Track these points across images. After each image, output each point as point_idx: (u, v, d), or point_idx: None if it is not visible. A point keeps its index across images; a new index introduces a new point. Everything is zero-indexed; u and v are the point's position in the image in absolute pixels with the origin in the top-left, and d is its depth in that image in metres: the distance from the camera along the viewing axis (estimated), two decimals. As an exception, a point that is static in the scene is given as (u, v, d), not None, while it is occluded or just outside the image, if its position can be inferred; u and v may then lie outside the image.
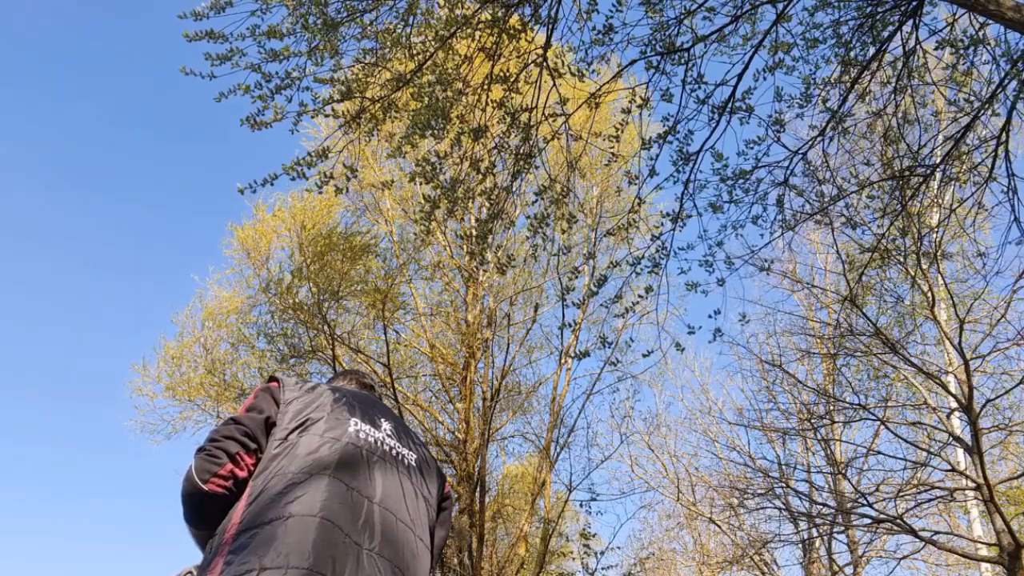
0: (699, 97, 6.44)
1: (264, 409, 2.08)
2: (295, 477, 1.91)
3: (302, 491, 1.88)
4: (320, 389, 2.22)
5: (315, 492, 1.88)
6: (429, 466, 2.27)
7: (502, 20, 6.05)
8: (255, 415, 2.06)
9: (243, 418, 2.05)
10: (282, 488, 1.88)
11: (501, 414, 14.05)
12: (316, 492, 1.88)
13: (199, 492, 1.90)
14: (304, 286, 12.38)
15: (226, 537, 1.83)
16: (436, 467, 2.32)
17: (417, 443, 2.31)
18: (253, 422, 2.03)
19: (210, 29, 5.32)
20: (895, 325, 10.68)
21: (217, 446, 1.96)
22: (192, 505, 1.93)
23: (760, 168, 6.77)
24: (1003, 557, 8.48)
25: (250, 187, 5.75)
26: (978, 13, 5.44)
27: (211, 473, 1.92)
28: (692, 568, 17.07)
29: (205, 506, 1.92)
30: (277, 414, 2.08)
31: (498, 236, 11.62)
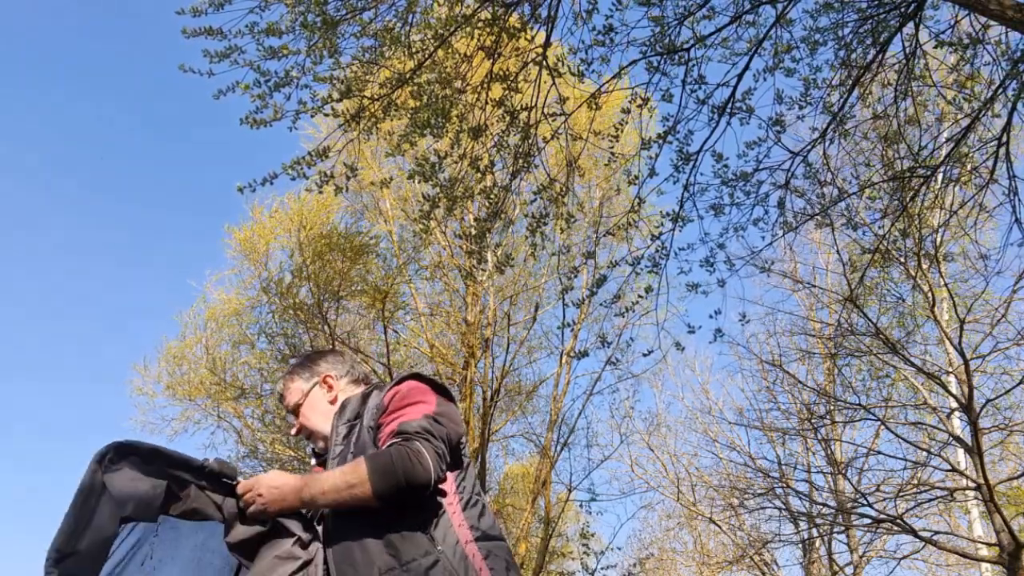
0: (699, 97, 6.44)
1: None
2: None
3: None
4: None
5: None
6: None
7: (501, 19, 6.04)
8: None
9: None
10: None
11: (501, 414, 14.06)
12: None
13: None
14: (304, 286, 12.37)
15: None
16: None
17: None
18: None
19: (208, 26, 5.31)
20: (896, 325, 10.67)
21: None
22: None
23: (761, 170, 6.76)
24: (1003, 557, 8.47)
25: (249, 186, 5.74)
26: (979, 13, 5.44)
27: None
28: (692, 568, 17.07)
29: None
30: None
31: (497, 235, 11.61)
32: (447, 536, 1.90)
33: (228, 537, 1.93)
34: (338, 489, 1.88)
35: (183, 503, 1.89)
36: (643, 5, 6.06)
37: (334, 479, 1.89)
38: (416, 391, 2.08)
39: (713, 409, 15.86)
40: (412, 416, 1.99)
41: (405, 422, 1.97)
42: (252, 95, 5.53)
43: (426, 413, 1.99)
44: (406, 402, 2.05)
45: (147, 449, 1.84)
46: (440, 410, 2.04)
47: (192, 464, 1.90)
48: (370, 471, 1.85)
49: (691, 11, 6.18)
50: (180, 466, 1.88)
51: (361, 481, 1.85)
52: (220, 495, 1.93)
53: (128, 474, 1.80)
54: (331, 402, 2.28)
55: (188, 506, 1.90)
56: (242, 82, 5.45)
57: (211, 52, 5.34)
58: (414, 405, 2.03)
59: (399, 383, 2.13)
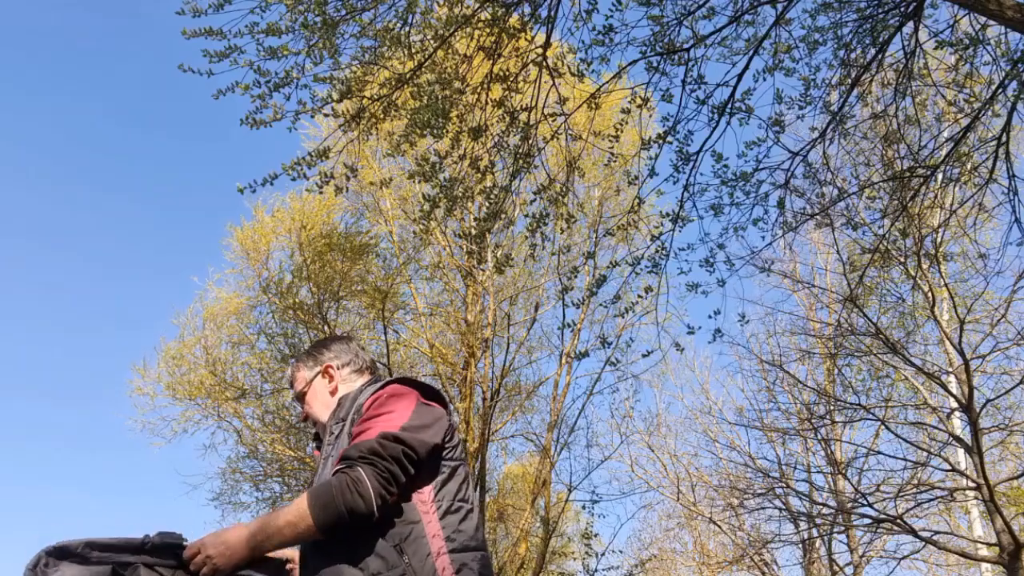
0: (699, 98, 6.43)
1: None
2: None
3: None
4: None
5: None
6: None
7: (501, 19, 6.04)
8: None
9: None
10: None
11: (501, 414, 14.05)
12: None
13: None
14: (304, 286, 12.38)
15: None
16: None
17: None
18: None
19: (208, 26, 5.31)
20: (896, 325, 10.67)
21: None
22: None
23: (761, 170, 6.76)
24: (1003, 557, 8.47)
25: (250, 187, 5.75)
26: (979, 13, 5.44)
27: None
28: (692, 568, 17.08)
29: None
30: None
31: (497, 235, 11.61)
32: (418, 548, 1.88)
33: None
34: (283, 531, 1.87)
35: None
36: (643, 5, 6.06)
37: (278, 522, 1.89)
38: (392, 399, 2.05)
39: (713, 409, 15.88)
40: (370, 433, 1.95)
41: (355, 444, 1.94)
42: (252, 95, 5.53)
43: (384, 430, 1.94)
44: (377, 412, 2.02)
45: (80, 544, 1.79)
46: (412, 422, 1.98)
47: (132, 543, 1.85)
48: (310, 507, 1.86)
49: (691, 11, 6.18)
50: (120, 550, 1.84)
51: (303, 518, 1.85)
52: (170, 568, 1.88)
53: (67, 571, 1.76)
54: (331, 392, 2.29)
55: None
56: (242, 82, 5.45)
57: (211, 52, 5.34)
58: (381, 417, 1.99)
59: (384, 387, 2.11)
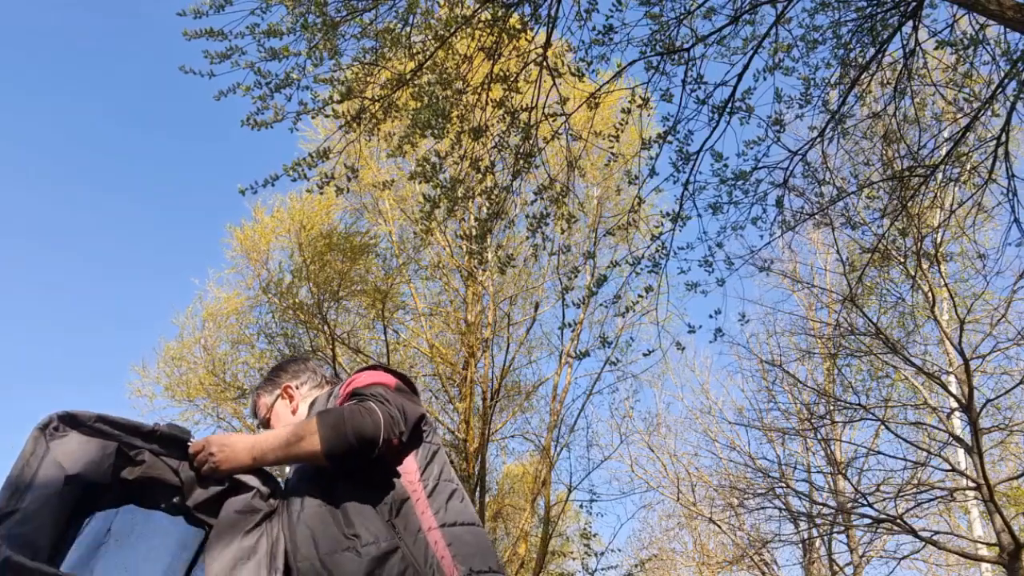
0: (699, 97, 6.44)
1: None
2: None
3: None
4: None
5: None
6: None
7: (502, 20, 6.05)
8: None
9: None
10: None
11: (501, 414, 14.06)
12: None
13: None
14: (304, 286, 12.38)
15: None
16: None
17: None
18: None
19: (209, 27, 5.31)
20: (896, 325, 10.68)
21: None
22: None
23: (760, 169, 6.77)
24: (1003, 557, 8.47)
25: (251, 188, 5.76)
26: (978, 13, 5.44)
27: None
28: (692, 568, 17.07)
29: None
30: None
31: (498, 236, 11.62)
32: (409, 523, 1.88)
33: (188, 500, 1.89)
34: (287, 443, 1.87)
35: (139, 468, 1.83)
36: (643, 5, 6.07)
37: (284, 434, 1.88)
38: (371, 376, 2.09)
39: (713, 409, 15.88)
40: (371, 389, 1.99)
41: (359, 388, 1.98)
42: (253, 96, 5.54)
43: (383, 390, 1.99)
44: (360, 384, 2.04)
45: (93, 416, 1.78)
46: (396, 393, 2.03)
47: (142, 429, 1.84)
48: (320, 424, 1.85)
49: (690, 10, 6.19)
50: (130, 431, 1.83)
51: (310, 433, 1.85)
52: (175, 460, 1.88)
53: (75, 439, 1.75)
54: (293, 411, 2.29)
55: (144, 472, 1.84)
56: (243, 83, 5.46)
57: (212, 53, 5.35)
58: (373, 385, 2.03)
59: (356, 373, 2.14)
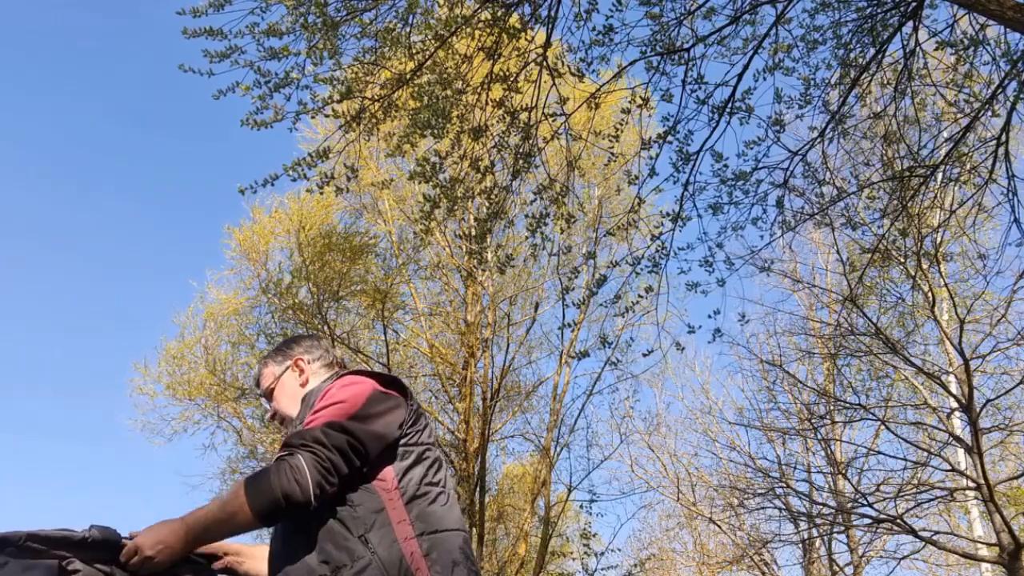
0: (699, 97, 6.44)
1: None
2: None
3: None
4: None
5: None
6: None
7: (502, 19, 6.05)
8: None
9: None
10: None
11: (501, 414, 14.05)
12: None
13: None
14: (304, 286, 12.37)
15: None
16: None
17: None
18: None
19: (209, 26, 5.31)
20: (896, 325, 10.68)
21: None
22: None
23: (760, 169, 6.77)
24: (1003, 557, 8.47)
25: (251, 188, 5.75)
26: (979, 13, 5.44)
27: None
28: (692, 568, 17.07)
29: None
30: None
31: (497, 236, 11.61)
32: (383, 536, 1.83)
33: None
34: (221, 521, 1.81)
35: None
36: (643, 5, 6.06)
37: (216, 513, 1.82)
38: (344, 389, 2.00)
39: (713, 409, 15.88)
40: (316, 422, 1.90)
41: (298, 432, 1.90)
42: (252, 96, 5.53)
43: (329, 420, 1.89)
44: (325, 403, 1.97)
45: (23, 536, 1.73)
46: (362, 411, 1.93)
47: (73, 539, 1.80)
48: (247, 495, 1.80)
49: (690, 11, 6.18)
50: (62, 545, 1.79)
51: (240, 507, 1.79)
52: (108, 566, 1.83)
53: (13, 565, 1.70)
54: (302, 385, 2.25)
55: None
56: (242, 83, 5.46)
57: (211, 52, 5.34)
58: (326, 408, 1.94)
59: (336, 379, 2.08)
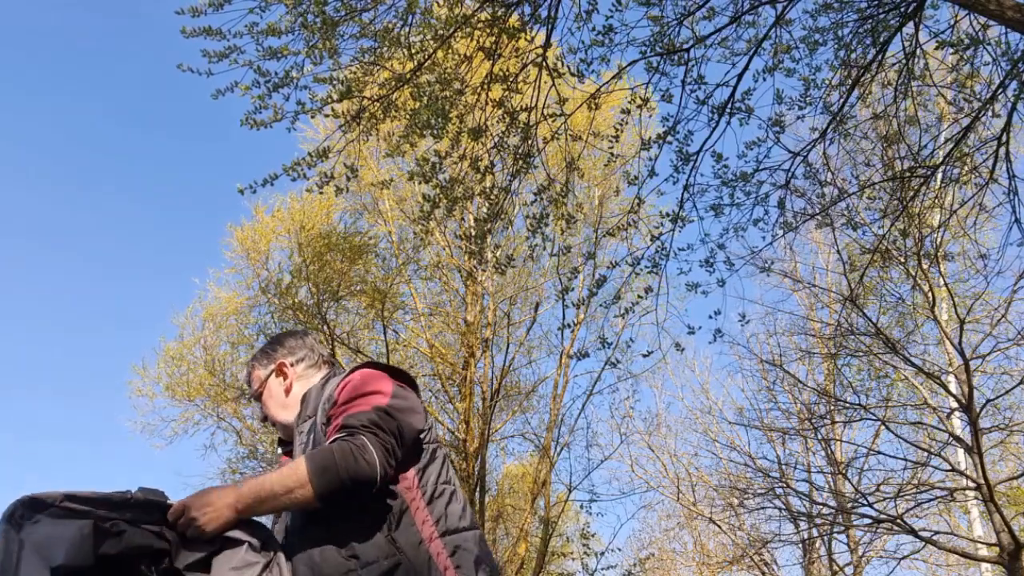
0: (699, 98, 6.43)
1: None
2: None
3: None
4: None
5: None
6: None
7: (501, 20, 6.04)
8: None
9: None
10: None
11: (501, 414, 14.05)
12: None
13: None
14: (303, 286, 12.37)
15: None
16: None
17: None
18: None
19: (208, 26, 5.30)
20: (896, 325, 10.68)
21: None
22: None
23: (761, 170, 6.76)
24: (1003, 557, 8.46)
25: (250, 187, 5.75)
26: (979, 13, 5.43)
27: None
28: (692, 568, 17.06)
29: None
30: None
31: (497, 236, 11.60)
32: (409, 536, 1.83)
33: (177, 562, 1.78)
34: (276, 495, 1.78)
35: (119, 541, 1.73)
36: (643, 5, 6.06)
37: (272, 484, 1.79)
38: (370, 380, 1.99)
39: (713, 409, 15.87)
40: (360, 408, 1.89)
41: (352, 415, 1.88)
42: (252, 96, 5.52)
43: (377, 405, 1.89)
44: (357, 393, 1.95)
45: (59, 496, 1.68)
46: (394, 402, 1.93)
47: (114, 499, 1.74)
48: (310, 471, 1.76)
49: (691, 11, 6.18)
50: (101, 504, 1.72)
51: (301, 484, 1.76)
52: (156, 525, 1.78)
53: (47, 524, 1.64)
54: (286, 390, 2.21)
55: (127, 544, 1.73)
56: (242, 82, 5.45)
57: (210, 52, 5.34)
58: (365, 397, 1.93)
59: (352, 372, 2.05)
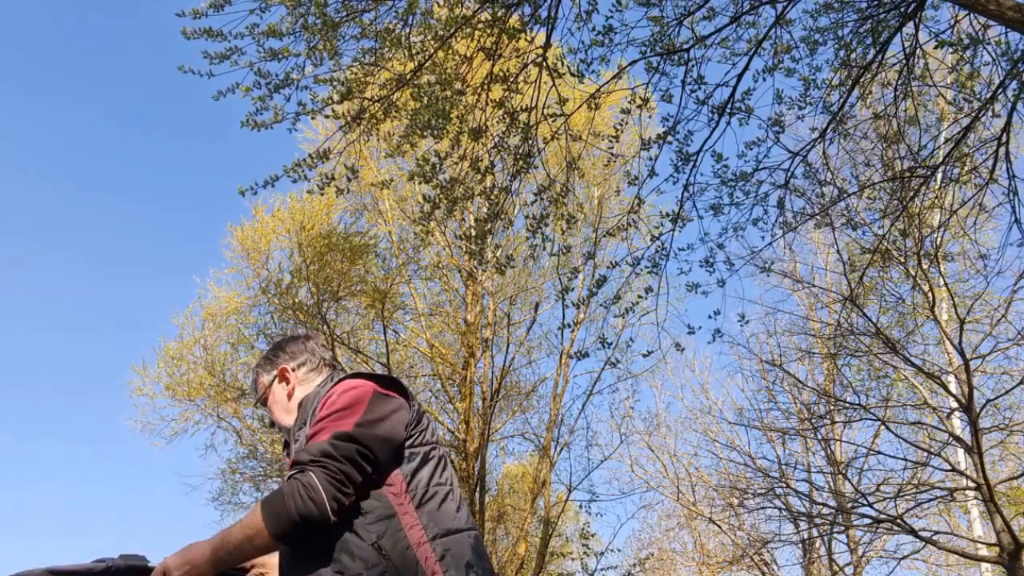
0: (699, 98, 6.44)
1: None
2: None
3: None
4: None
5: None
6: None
7: (502, 20, 6.04)
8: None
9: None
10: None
11: (501, 414, 14.06)
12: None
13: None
14: (303, 286, 12.37)
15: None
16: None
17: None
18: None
19: (208, 27, 5.31)
20: (896, 325, 10.68)
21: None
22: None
23: (761, 170, 6.77)
24: (1003, 557, 8.46)
25: (251, 189, 5.76)
26: (979, 13, 5.44)
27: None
28: (692, 568, 17.06)
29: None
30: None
31: (497, 236, 11.60)
32: (396, 542, 1.83)
33: None
34: (242, 546, 1.83)
35: None
36: (643, 5, 6.06)
37: (236, 535, 1.83)
38: (345, 395, 1.98)
39: (713, 409, 15.87)
40: (319, 437, 1.89)
41: (306, 448, 1.88)
42: (253, 97, 5.53)
43: (337, 430, 1.88)
44: (328, 412, 1.95)
45: (42, 573, 1.73)
46: (366, 417, 1.91)
47: (95, 571, 1.80)
48: (264, 519, 1.80)
49: (691, 11, 6.18)
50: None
51: (258, 531, 1.80)
52: None
53: None
54: (288, 395, 2.23)
55: None
56: (242, 83, 5.46)
57: (211, 53, 5.34)
58: (331, 417, 1.93)
59: (335, 384, 2.05)
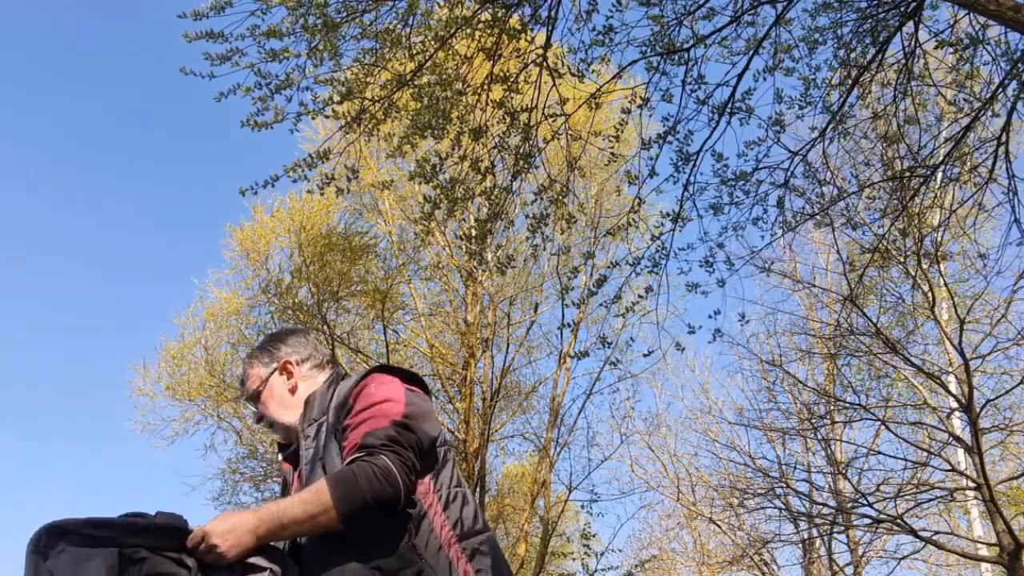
0: (699, 97, 6.44)
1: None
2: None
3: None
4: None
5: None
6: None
7: (502, 20, 6.05)
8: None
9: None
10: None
11: (501, 414, 14.06)
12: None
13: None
14: (303, 286, 12.38)
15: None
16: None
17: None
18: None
19: (209, 29, 5.32)
20: (896, 325, 10.68)
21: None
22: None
23: (760, 170, 6.77)
24: (1003, 557, 8.47)
25: (251, 188, 5.77)
26: (978, 13, 5.44)
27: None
28: (692, 568, 17.06)
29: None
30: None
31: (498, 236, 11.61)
32: (429, 542, 1.83)
33: None
34: (299, 521, 1.76)
35: (141, 568, 1.71)
36: (643, 5, 6.07)
37: (295, 510, 1.76)
38: (383, 388, 1.95)
39: (713, 409, 15.87)
40: (378, 423, 1.85)
41: (370, 432, 1.84)
42: (253, 97, 5.54)
43: (393, 419, 1.86)
44: (372, 402, 1.91)
45: (81, 522, 1.66)
46: (410, 410, 1.90)
47: (136, 525, 1.72)
48: (334, 497, 1.74)
49: (691, 11, 6.19)
50: (123, 531, 1.71)
51: (325, 509, 1.74)
52: (176, 552, 1.76)
53: (72, 554, 1.63)
54: (291, 390, 2.16)
55: (148, 571, 1.72)
56: (243, 84, 5.46)
57: (212, 55, 5.35)
58: (380, 406, 1.90)
59: (365, 377, 2.01)
